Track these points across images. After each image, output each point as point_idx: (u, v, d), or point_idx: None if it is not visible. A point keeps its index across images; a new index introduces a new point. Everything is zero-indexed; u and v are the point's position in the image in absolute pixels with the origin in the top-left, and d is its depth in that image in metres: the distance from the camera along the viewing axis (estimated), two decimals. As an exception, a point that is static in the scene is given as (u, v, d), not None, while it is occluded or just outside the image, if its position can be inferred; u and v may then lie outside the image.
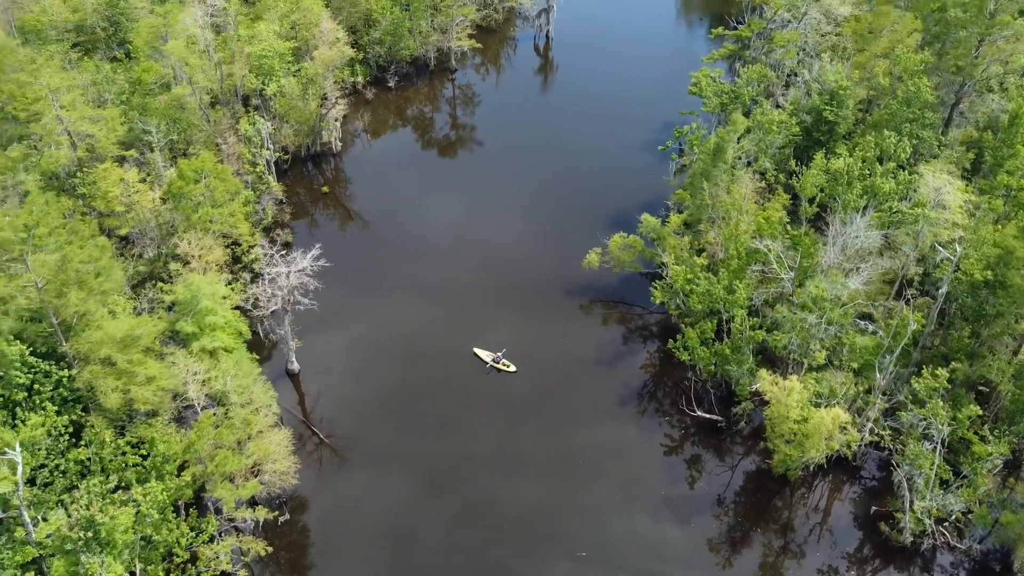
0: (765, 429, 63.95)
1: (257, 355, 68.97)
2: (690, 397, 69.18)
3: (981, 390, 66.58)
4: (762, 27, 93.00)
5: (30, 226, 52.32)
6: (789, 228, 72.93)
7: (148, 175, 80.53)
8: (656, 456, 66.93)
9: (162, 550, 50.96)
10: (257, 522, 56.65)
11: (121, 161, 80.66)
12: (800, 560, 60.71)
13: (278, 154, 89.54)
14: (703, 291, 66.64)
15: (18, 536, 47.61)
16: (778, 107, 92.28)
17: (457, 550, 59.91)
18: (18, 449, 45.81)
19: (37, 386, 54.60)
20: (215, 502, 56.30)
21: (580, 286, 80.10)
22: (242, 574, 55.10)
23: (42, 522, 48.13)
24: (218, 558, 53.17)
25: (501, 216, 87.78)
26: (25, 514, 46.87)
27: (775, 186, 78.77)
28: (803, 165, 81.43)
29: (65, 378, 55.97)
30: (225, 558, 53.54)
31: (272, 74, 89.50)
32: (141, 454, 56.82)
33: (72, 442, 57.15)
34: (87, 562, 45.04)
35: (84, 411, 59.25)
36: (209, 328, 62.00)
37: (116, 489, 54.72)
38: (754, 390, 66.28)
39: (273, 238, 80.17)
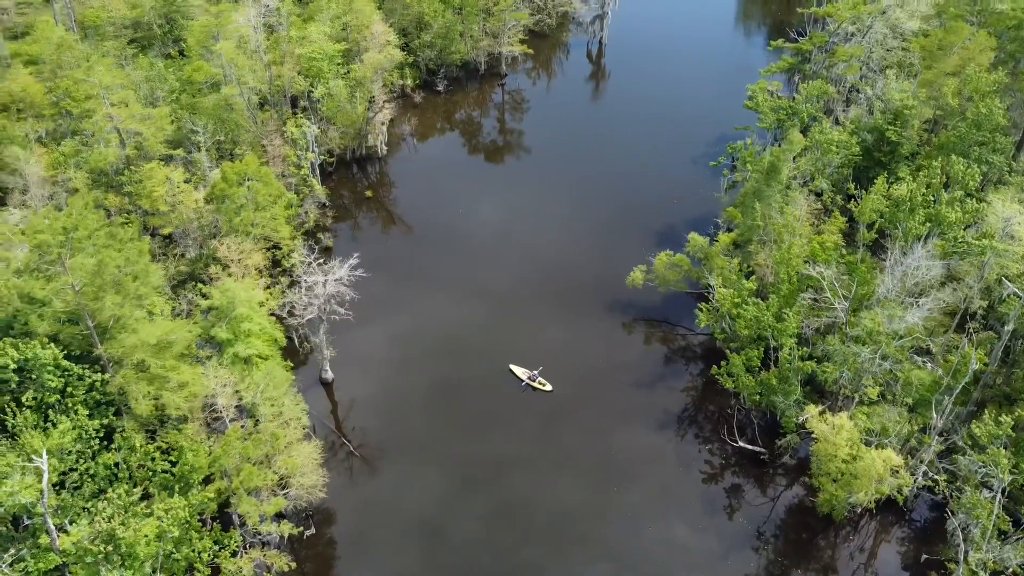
0: (811, 464, 60.68)
1: (291, 363, 68.05)
2: (732, 426, 66.05)
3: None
4: (824, 40, 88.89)
5: (69, 229, 51.64)
6: (844, 253, 69.28)
7: (194, 175, 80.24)
8: (695, 485, 63.95)
9: (184, 563, 49.85)
10: (282, 536, 55.32)
11: (168, 160, 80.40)
12: (843, 606, 57.42)
13: (323, 157, 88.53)
14: (751, 317, 63.41)
15: (43, 543, 46.94)
16: (837, 123, 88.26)
17: (485, 570, 57.97)
18: (44, 457, 45.03)
19: (70, 389, 53.98)
20: (240, 515, 55.11)
21: (623, 303, 77.38)
22: (266, 589, 53.94)
23: (66, 532, 47.38)
24: (241, 572, 51.92)
25: (545, 226, 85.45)
26: (49, 521, 46.13)
27: (831, 208, 74.94)
28: (862, 188, 77.50)
29: (98, 382, 55.28)
30: (248, 573, 52.27)
31: (321, 76, 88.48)
32: (171, 460, 56.02)
33: (104, 445, 56.55)
34: (107, 574, 44.09)
35: (117, 414, 58.58)
36: (244, 335, 60.97)
37: (143, 498, 54.05)
38: (801, 422, 62.97)
39: (311, 246, 78.80)
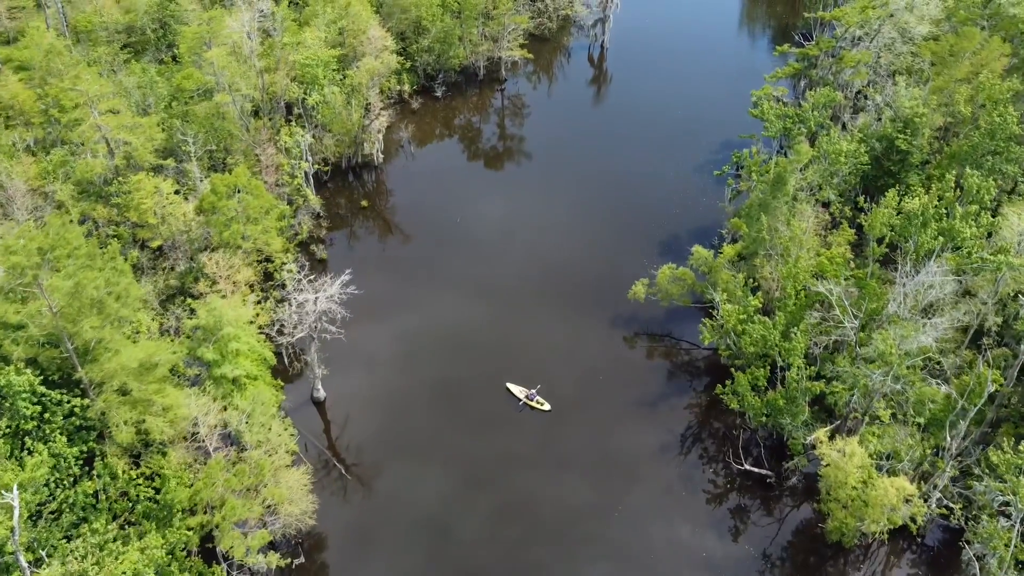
0: (819, 488, 57.88)
1: (281, 381, 65.49)
2: (738, 448, 63.25)
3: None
4: (831, 45, 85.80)
5: (45, 250, 49.00)
6: (853, 265, 66.43)
7: (184, 186, 77.62)
8: (699, 509, 61.17)
9: (164, 600, 47.28)
10: (270, 567, 52.67)
11: (158, 170, 77.76)
12: (853, 639, 54.67)
13: (317, 166, 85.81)
14: (757, 337, 60.57)
15: (15, 580, 44.39)
16: (844, 129, 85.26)
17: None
18: (15, 492, 42.39)
19: (48, 415, 51.38)
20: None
21: (624, 317, 74.54)
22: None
23: (44, 563, 44.83)
24: (226, 607, 49.36)
25: (545, 235, 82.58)
26: (22, 559, 43.54)
27: (840, 220, 72.01)
28: (871, 198, 74.59)
29: (78, 407, 52.68)
30: (233, 607, 49.71)
31: (316, 83, 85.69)
32: (155, 487, 53.50)
33: (85, 471, 54.01)
34: (81, 616, 41.55)
35: (100, 438, 55.99)
36: (231, 355, 58.29)
37: (126, 525, 51.53)
38: (809, 444, 60.21)
39: (302, 264, 75.96)
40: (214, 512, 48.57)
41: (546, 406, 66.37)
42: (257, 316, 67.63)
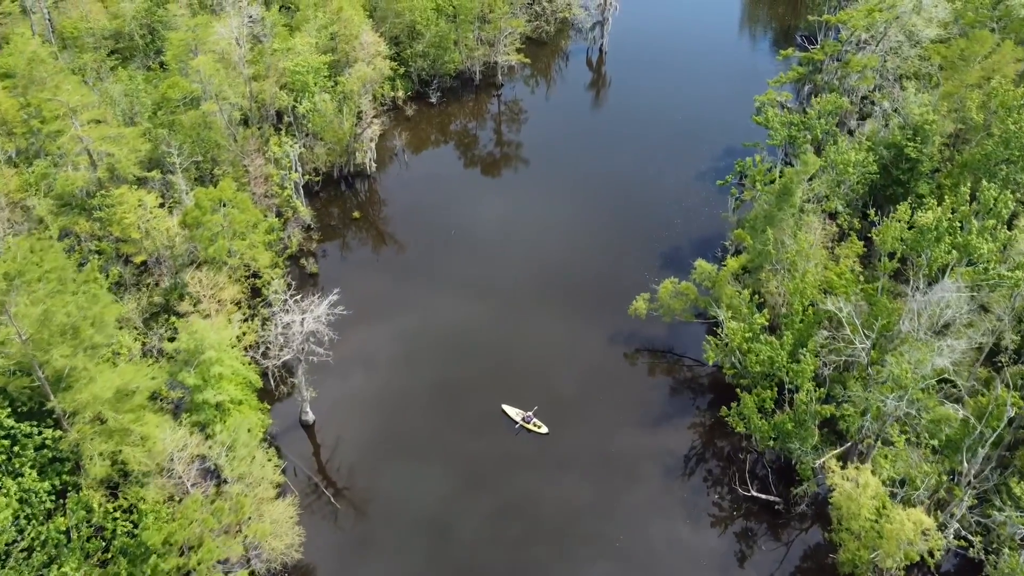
0: (830, 515, 54.62)
1: (268, 404, 62.32)
2: (744, 473, 60.03)
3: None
4: (837, 49, 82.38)
5: (12, 276, 45.72)
6: (862, 278, 63.09)
7: (171, 199, 74.36)
8: (703, 537, 57.94)
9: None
10: (252, 607, 49.58)
11: (142, 183, 74.49)
12: (867, 677, 51.43)
13: (308, 176, 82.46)
14: (764, 358, 57.31)
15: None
16: (849, 133, 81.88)
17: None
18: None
19: (17, 448, 48.20)
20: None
21: (625, 333, 71.26)
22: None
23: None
24: (205, 650, 46.14)
25: (543, 248, 79.22)
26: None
27: (848, 232, 68.68)
28: (879, 208, 71.22)
29: (50, 439, 49.47)
30: (213, 651, 46.53)
31: (306, 90, 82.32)
32: (133, 520, 50.30)
33: (59, 504, 50.83)
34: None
35: (77, 468, 52.78)
36: (214, 380, 55.05)
37: (100, 564, 48.44)
38: (818, 465, 57.03)
39: (290, 276, 72.86)
40: (191, 554, 45.35)
41: (543, 429, 63.11)
42: (244, 335, 64.54)
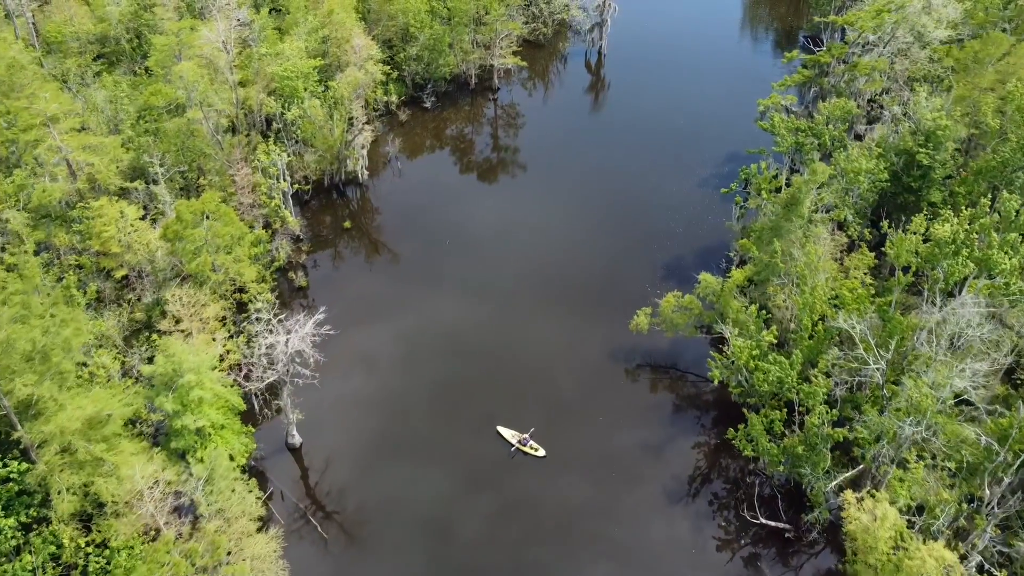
0: (843, 543, 51.19)
1: (252, 427, 58.83)
2: (752, 498, 56.52)
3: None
4: (843, 51, 78.77)
5: (-30, 300, 42.38)
6: (872, 290, 59.56)
7: (155, 209, 70.93)
8: (710, 565, 54.43)
9: None
10: (232, 649, 46.06)
11: (124, 194, 71.03)
12: None
13: (297, 185, 78.95)
14: (774, 379, 53.84)
15: None
16: (859, 139, 78.39)
17: None
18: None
19: (-21, 483, 44.89)
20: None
21: (626, 348, 67.79)
22: None
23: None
24: None
25: (540, 258, 75.69)
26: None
27: (858, 243, 65.19)
28: (890, 218, 67.77)
29: (15, 472, 46.05)
30: None
31: (295, 96, 78.80)
32: (106, 557, 46.92)
33: (28, 538, 47.46)
34: None
35: (47, 501, 49.32)
36: (193, 404, 51.58)
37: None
38: (831, 489, 53.61)
39: (279, 289, 69.38)
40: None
41: (540, 452, 59.61)
42: (228, 353, 61.14)
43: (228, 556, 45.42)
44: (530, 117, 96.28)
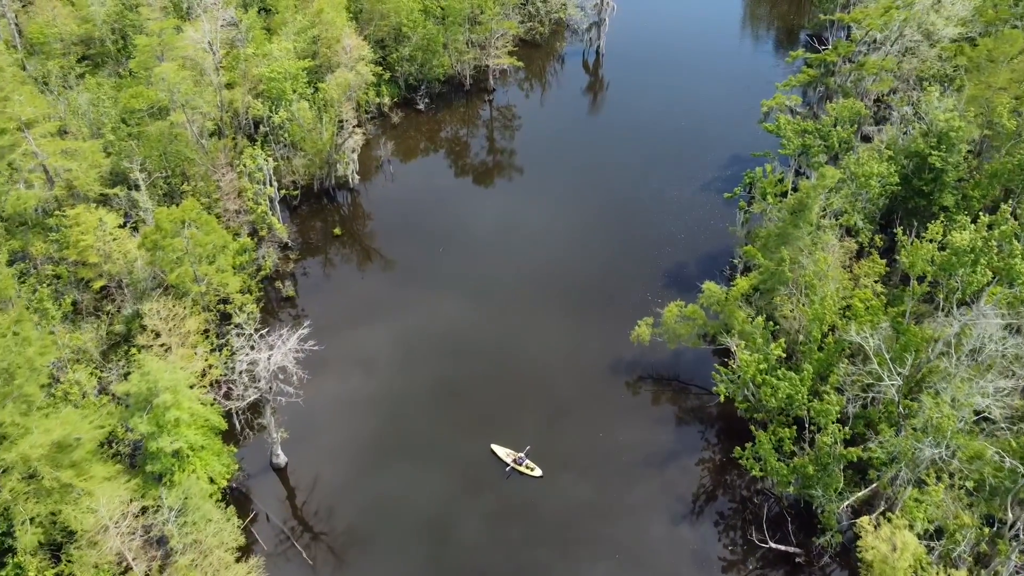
0: (858, 570, 47.99)
1: (234, 447, 55.58)
2: (760, 520, 53.28)
3: None
4: (850, 50, 75.48)
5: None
6: (883, 298, 56.39)
7: (136, 217, 67.67)
8: (715, 592, 51.38)
9: None
10: None
11: (104, 201, 67.80)
12: None
13: (285, 190, 75.67)
14: (783, 396, 50.63)
15: None
16: (867, 141, 75.10)
17: None
18: None
19: (-64, 515, 41.64)
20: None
21: (627, 360, 64.54)
22: None
23: None
24: None
25: (537, 264, 72.37)
26: None
27: (869, 250, 62.00)
28: (900, 223, 64.57)
29: (-26, 501, 42.86)
30: None
31: (283, 98, 75.50)
32: (76, 589, 43.72)
33: (-7, 570, 44.27)
34: None
35: (10, 531, 46.03)
36: (170, 425, 48.31)
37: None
38: (844, 510, 50.45)
39: (262, 304, 66.06)
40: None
41: (537, 471, 56.34)
42: (211, 368, 57.87)
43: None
44: (527, 119, 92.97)
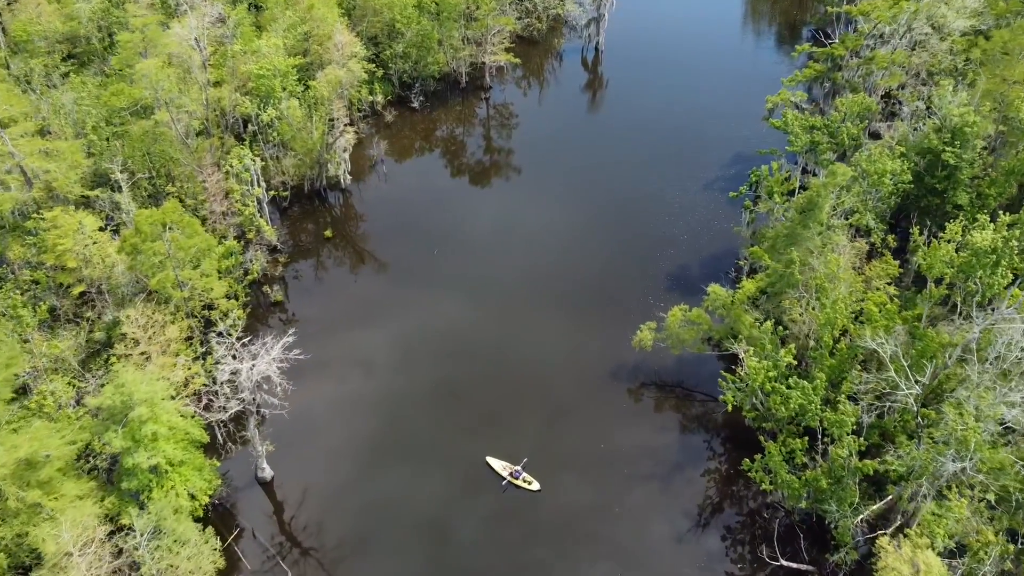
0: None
1: (217, 461, 52.64)
2: (771, 537, 50.33)
3: None
4: (858, 44, 72.52)
5: None
6: (896, 301, 53.51)
7: (118, 220, 64.78)
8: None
9: None
10: None
11: (86, 203, 64.89)
12: None
13: (274, 191, 72.73)
14: (795, 406, 47.69)
15: None
16: (872, 136, 72.21)
17: None
18: None
19: None
20: None
21: (628, 366, 61.60)
22: None
23: None
24: None
25: (536, 268, 69.41)
26: None
27: (882, 251, 59.08)
28: (910, 222, 61.70)
29: (-65, 524, 39.93)
30: None
31: (272, 96, 72.57)
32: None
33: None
34: None
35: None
36: (147, 440, 45.40)
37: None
38: (859, 523, 47.53)
39: (248, 309, 63.11)
40: None
41: (534, 485, 53.34)
42: (195, 377, 54.97)
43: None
44: (524, 117, 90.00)
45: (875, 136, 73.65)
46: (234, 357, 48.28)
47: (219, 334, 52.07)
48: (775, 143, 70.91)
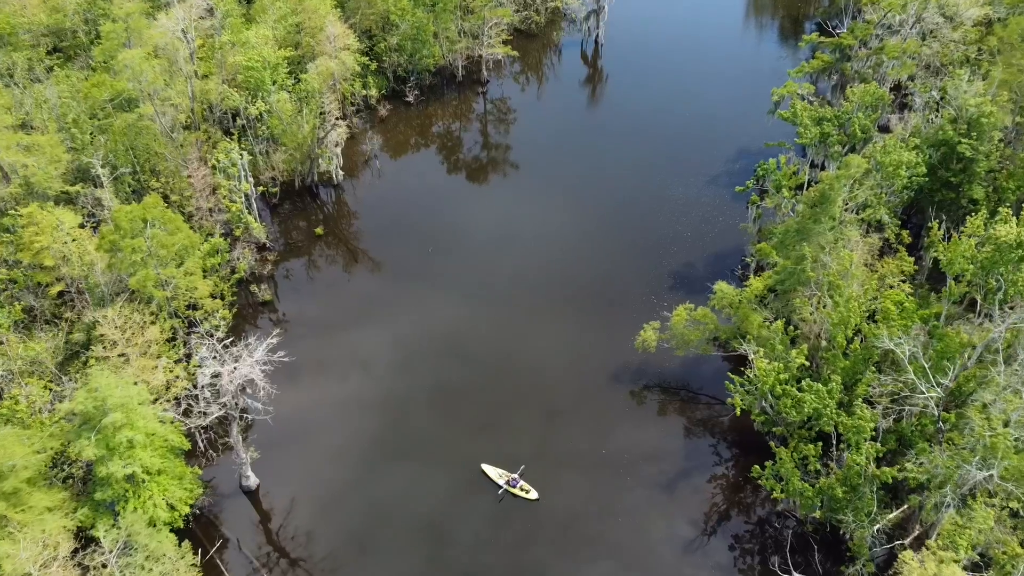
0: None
1: (200, 468, 49.86)
2: (784, 548, 47.51)
3: None
4: (869, 33, 69.73)
5: None
6: (913, 299, 50.69)
7: (99, 217, 61.99)
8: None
9: None
10: None
11: (68, 199, 62.08)
12: None
13: (262, 187, 69.92)
14: (809, 411, 44.89)
15: None
16: (882, 130, 69.44)
17: None
18: None
19: None
20: None
21: (631, 368, 58.82)
22: None
23: None
24: None
25: (535, 266, 66.63)
26: None
27: (896, 247, 56.29)
28: (924, 216, 58.89)
29: None
30: None
31: (262, 88, 69.78)
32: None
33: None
34: None
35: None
36: (122, 447, 42.58)
37: None
38: (874, 532, 44.74)
39: (235, 309, 60.33)
40: None
41: (532, 494, 50.48)
42: (177, 379, 52.14)
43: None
44: (522, 112, 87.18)
45: (884, 129, 70.91)
46: (215, 359, 45.42)
47: (202, 335, 49.21)
48: (780, 137, 68.16)
